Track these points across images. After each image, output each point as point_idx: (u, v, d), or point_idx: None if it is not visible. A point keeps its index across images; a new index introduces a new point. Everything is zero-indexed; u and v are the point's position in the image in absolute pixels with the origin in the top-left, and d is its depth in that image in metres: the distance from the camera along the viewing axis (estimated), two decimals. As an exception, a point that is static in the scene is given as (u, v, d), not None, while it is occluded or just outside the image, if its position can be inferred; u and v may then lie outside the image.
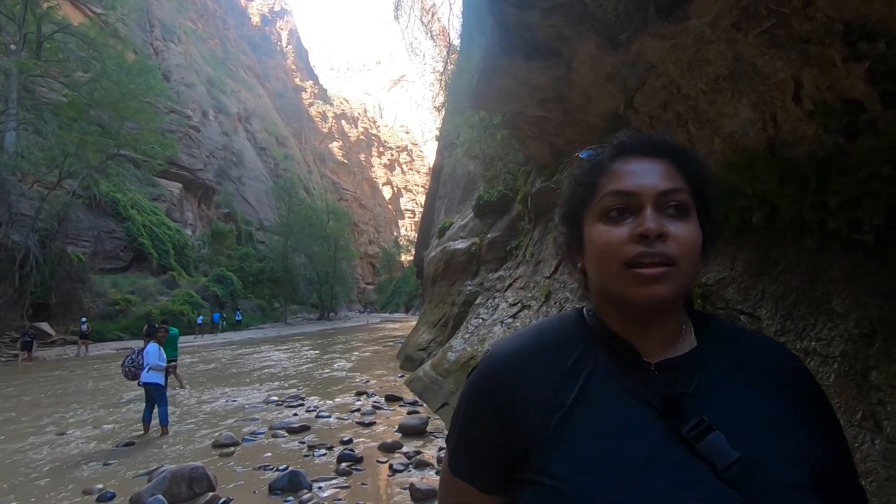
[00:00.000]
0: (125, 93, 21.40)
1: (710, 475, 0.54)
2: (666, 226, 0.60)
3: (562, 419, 0.60)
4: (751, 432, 0.57)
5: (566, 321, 0.71)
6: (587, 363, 0.64)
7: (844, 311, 2.36)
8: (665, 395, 0.59)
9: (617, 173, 0.65)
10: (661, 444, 0.57)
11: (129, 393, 9.52)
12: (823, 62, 2.37)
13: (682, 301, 0.65)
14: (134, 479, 4.92)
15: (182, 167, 38.64)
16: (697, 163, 0.67)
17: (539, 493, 0.59)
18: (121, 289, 25.68)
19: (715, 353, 0.64)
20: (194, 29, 63.11)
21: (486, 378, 0.68)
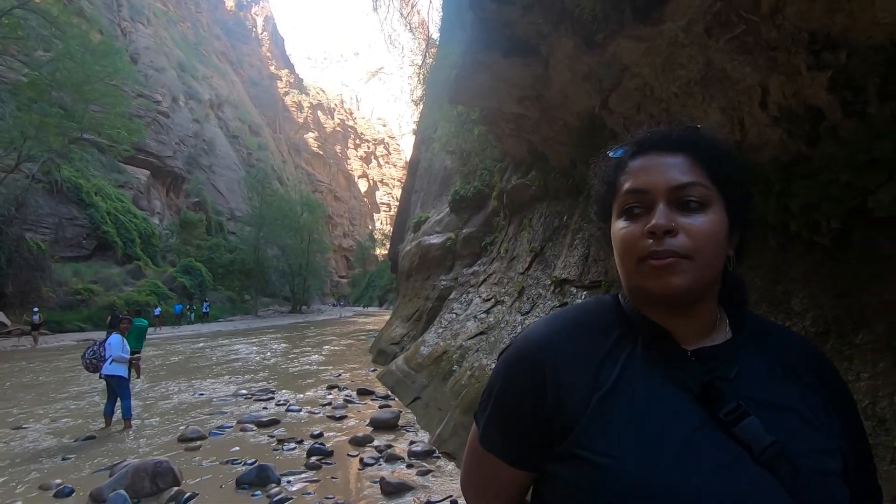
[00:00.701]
0: (90, 74, 20.56)
1: (746, 458, 0.56)
2: (676, 221, 0.61)
3: (602, 399, 0.62)
4: (785, 421, 0.60)
5: (603, 306, 0.73)
6: (625, 347, 0.66)
7: (802, 309, 2.46)
8: (703, 379, 0.61)
9: (634, 171, 0.67)
10: (700, 427, 0.58)
11: (90, 385, 9.21)
12: (789, 70, 2.46)
13: (713, 292, 0.66)
14: (94, 474, 4.78)
15: (150, 154, 37.45)
16: (723, 155, 0.67)
17: (581, 467, 0.60)
18: (83, 278, 24.79)
19: (751, 346, 0.67)
20: (165, 11, 61.05)
21: (526, 357, 0.69)
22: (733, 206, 0.65)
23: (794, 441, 0.58)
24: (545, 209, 7.11)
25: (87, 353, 6.66)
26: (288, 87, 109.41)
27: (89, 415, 7.24)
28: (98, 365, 6.55)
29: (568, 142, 5.56)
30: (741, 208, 0.66)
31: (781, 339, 0.69)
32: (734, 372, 0.63)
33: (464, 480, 0.80)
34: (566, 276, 5.53)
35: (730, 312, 0.70)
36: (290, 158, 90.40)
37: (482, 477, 0.75)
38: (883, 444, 1.95)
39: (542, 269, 6.41)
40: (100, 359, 6.57)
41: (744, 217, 0.67)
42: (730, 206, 0.65)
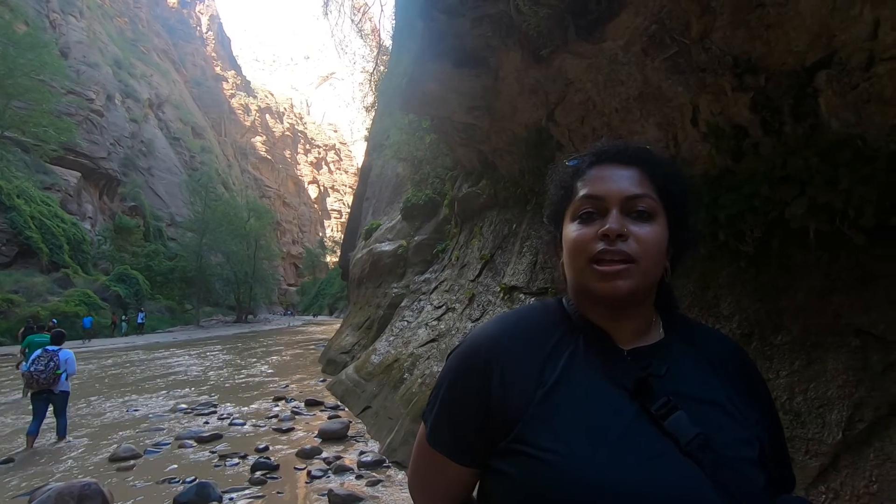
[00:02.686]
0: (13, 68, 19.13)
1: (674, 449, 0.61)
2: (628, 227, 0.67)
3: (544, 396, 0.66)
4: (710, 414, 0.65)
5: (547, 308, 0.77)
6: (567, 347, 0.70)
7: (729, 313, 2.63)
8: (637, 377, 0.66)
9: (591, 179, 0.72)
10: (634, 421, 0.63)
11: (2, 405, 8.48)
12: (716, 90, 2.64)
13: (650, 296, 0.72)
14: (13, 499, 4.39)
15: (81, 154, 35.10)
16: (671, 173, 0.73)
17: (523, 462, 0.63)
18: (2, 287, 22.79)
19: (680, 345, 0.72)
20: (100, 4, 57.65)
21: (472, 356, 0.73)
22: (673, 222, 0.71)
23: (716, 432, 0.63)
24: (495, 217, 7.24)
25: (35, 367, 6.05)
26: (234, 88, 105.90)
27: (7, 436, 6.65)
28: (50, 381, 6.09)
29: (517, 152, 5.69)
30: (680, 225, 0.73)
31: (707, 339, 0.75)
32: (664, 369, 0.68)
33: (411, 480, 0.82)
34: (515, 283, 5.65)
35: (663, 316, 0.76)
36: (237, 162, 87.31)
37: (429, 475, 0.77)
38: (799, 436, 2.12)
39: (491, 277, 6.51)
40: (54, 375, 6.11)
41: (681, 234, 0.73)
42: (671, 221, 0.71)
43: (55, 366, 6.13)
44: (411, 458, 0.81)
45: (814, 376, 2.15)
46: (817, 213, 2.16)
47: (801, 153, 2.22)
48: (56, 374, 6.14)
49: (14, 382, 10.89)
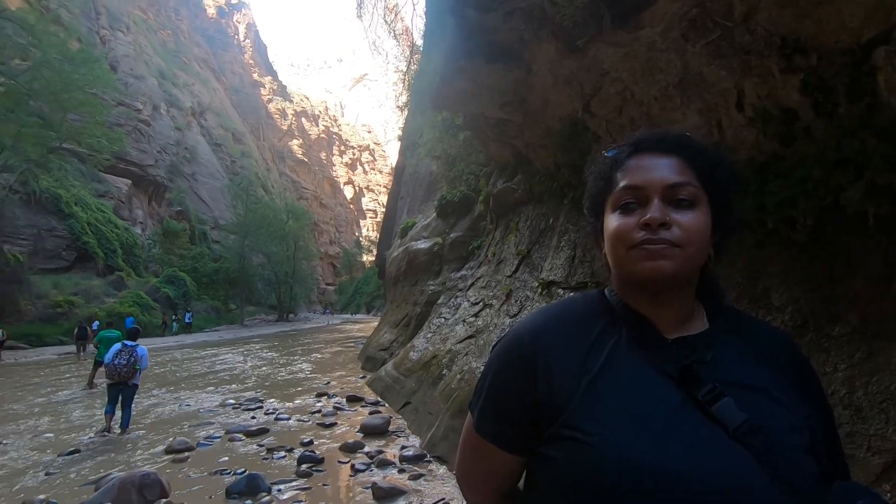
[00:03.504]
0: (68, 83, 20.23)
1: (722, 435, 0.61)
2: (670, 215, 0.67)
3: (590, 383, 0.67)
4: (757, 400, 0.65)
5: (589, 299, 0.78)
6: (611, 336, 0.71)
7: (781, 304, 2.53)
8: (682, 364, 0.66)
9: (631, 169, 0.72)
10: (680, 407, 0.63)
11: (70, 399, 9.04)
12: (763, 73, 2.54)
13: (691, 283, 0.72)
14: (80, 488, 4.69)
15: (131, 163, 36.87)
16: (712, 159, 0.73)
17: (570, 447, 0.65)
18: (63, 290, 24.24)
19: (726, 335, 0.72)
20: (144, 19, 60.35)
21: (516, 347, 0.75)
22: (716, 209, 0.71)
23: (766, 419, 0.62)
24: (531, 212, 7.19)
25: (118, 360, 6.61)
26: (271, 94, 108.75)
27: (73, 428, 7.09)
28: (129, 374, 6.64)
29: (551, 145, 5.63)
30: (723, 211, 0.72)
31: (754, 329, 0.75)
32: (709, 356, 0.68)
33: (458, 470, 0.83)
34: (553, 277, 5.59)
35: (707, 305, 0.75)
36: (275, 166, 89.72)
37: (477, 464, 0.79)
38: (860, 432, 2.02)
39: (529, 272, 6.47)
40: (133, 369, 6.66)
41: (724, 219, 0.73)
42: (714, 208, 0.71)
43: (134, 360, 6.65)
44: (458, 449, 0.83)
45: (875, 369, 2.05)
46: (876, 196, 2.05)
47: (858, 134, 2.11)
48: (135, 369, 6.66)
49: (73, 378, 11.60)
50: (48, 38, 21.06)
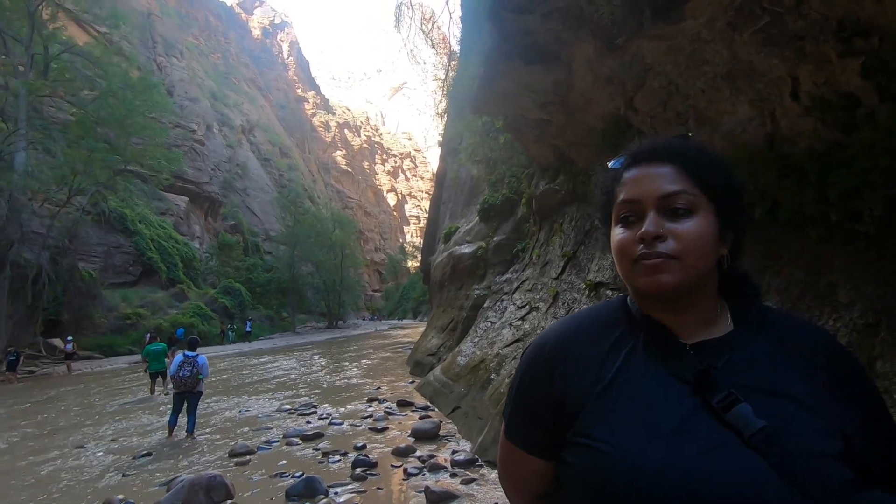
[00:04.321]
0: (131, 109, 21.67)
1: (736, 441, 0.60)
2: (665, 227, 0.67)
3: (604, 389, 0.68)
4: (781, 405, 0.63)
5: (610, 306, 0.79)
6: (628, 342, 0.72)
7: (849, 301, 2.39)
8: (698, 370, 0.65)
9: (627, 182, 0.73)
10: (693, 413, 0.63)
11: (139, 405, 9.63)
12: (819, 58, 2.42)
13: (707, 288, 0.71)
14: (153, 489, 5.00)
15: (188, 181, 38.99)
16: (707, 163, 0.72)
17: (581, 452, 0.67)
18: (131, 303, 25.90)
19: (752, 335, 0.70)
20: (196, 44, 63.84)
21: (538, 354, 0.77)
22: (723, 210, 0.70)
23: (788, 424, 0.60)
24: (575, 213, 7.08)
25: (182, 371, 7.04)
26: (315, 107, 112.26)
27: (143, 432, 7.56)
28: (193, 383, 7.08)
29: (594, 144, 5.53)
30: (730, 211, 0.71)
31: (787, 328, 0.72)
32: (722, 361, 0.67)
33: (499, 474, 0.87)
34: (601, 279, 5.48)
35: (734, 305, 0.73)
36: (320, 177, 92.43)
37: (511, 467, 0.82)
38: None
39: (575, 274, 6.37)
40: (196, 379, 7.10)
41: (734, 218, 0.72)
42: (719, 209, 0.70)
43: (197, 371, 7.07)
44: (498, 452, 0.86)
45: (959, 369, 1.90)
46: (953, 183, 1.91)
47: (928, 118, 1.97)
48: (198, 379, 7.08)
49: (143, 385, 12.35)
50: (112, 68, 22.67)
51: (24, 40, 19.61)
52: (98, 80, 22.09)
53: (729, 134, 3.14)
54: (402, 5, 11.70)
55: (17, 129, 18.65)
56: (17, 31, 19.53)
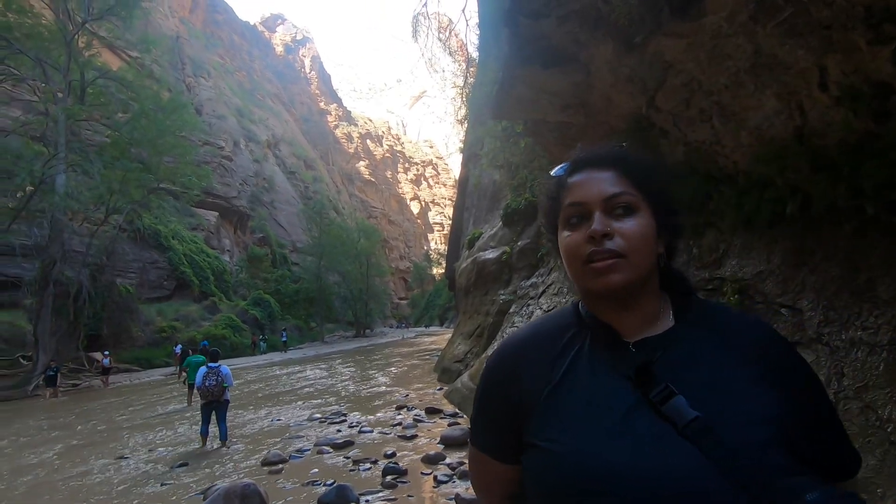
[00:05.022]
0: (162, 129, 22.45)
1: (672, 433, 0.62)
2: (612, 226, 0.71)
3: (552, 390, 0.71)
4: (717, 396, 0.65)
5: (564, 312, 0.83)
6: (575, 344, 0.75)
7: (890, 297, 2.29)
8: (636, 365, 0.69)
9: (572, 187, 0.77)
10: (633, 408, 0.66)
11: (174, 416, 9.89)
12: (847, 47, 2.35)
13: (649, 286, 0.74)
14: (190, 497, 5.12)
15: (217, 196, 40.09)
16: (646, 166, 0.78)
17: (534, 454, 0.70)
18: (166, 316, 26.71)
19: (691, 330, 0.73)
20: (222, 63, 65.84)
21: (496, 361, 0.81)
22: (659, 212, 0.75)
23: (722, 415, 0.62)
24: (600, 214, 6.99)
25: (208, 382, 7.31)
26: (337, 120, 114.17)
27: (179, 442, 7.77)
28: (219, 393, 7.34)
29: (617, 145, 5.47)
30: (665, 213, 0.76)
31: (724, 321, 0.74)
32: (658, 356, 0.70)
33: (470, 478, 0.90)
34: (627, 280, 5.39)
35: (676, 303, 0.77)
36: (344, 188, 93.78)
37: (479, 473, 0.85)
38: None
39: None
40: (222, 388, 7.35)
41: (668, 220, 0.76)
42: (656, 211, 0.74)
43: (221, 380, 7.31)
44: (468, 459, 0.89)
45: None
46: None
47: (968, 104, 1.89)
48: (223, 388, 7.32)
49: (178, 396, 12.68)
50: (144, 91, 23.57)
51: (62, 68, 20.57)
52: (131, 103, 22.98)
53: (756, 129, 3.06)
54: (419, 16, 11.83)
55: (58, 153, 19.52)
56: (56, 60, 20.50)
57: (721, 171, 3.62)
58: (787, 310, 2.82)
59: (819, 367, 2.43)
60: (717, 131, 3.41)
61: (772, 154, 2.91)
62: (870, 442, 2.07)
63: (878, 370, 2.18)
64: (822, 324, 2.53)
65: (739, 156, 3.29)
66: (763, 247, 3.15)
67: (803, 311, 2.68)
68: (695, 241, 3.86)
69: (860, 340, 2.35)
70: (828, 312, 2.55)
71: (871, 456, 2.01)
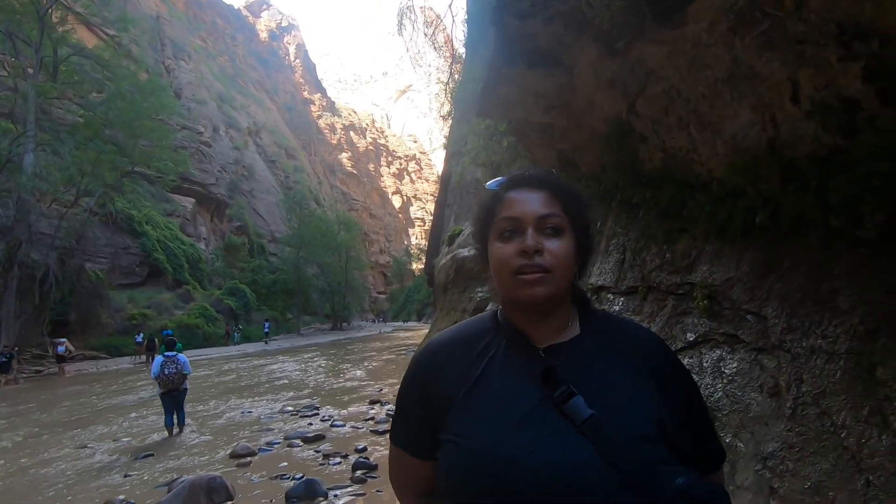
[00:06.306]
0: (139, 112, 21.86)
1: (570, 430, 0.69)
2: (542, 243, 0.77)
3: (467, 391, 0.76)
4: (610, 397, 0.73)
5: (483, 318, 0.90)
6: (492, 349, 0.81)
7: (849, 307, 2.37)
8: (543, 368, 0.75)
9: (508, 202, 0.82)
10: (537, 406, 0.72)
11: (139, 405, 9.68)
12: (819, 62, 2.40)
13: (566, 298, 0.83)
14: (154, 489, 5.02)
15: (194, 182, 39.22)
16: (573, 194, 0.85)
17: (447, 448, 0.74)
18: (137, 304, 26.07)
19: (592, 338, 0.82)
20: (204, 47, 64.30)
21: (416, 363, 0.86)
22: (578, 236, 0.82)
23: (612, 413, 0.70)
24: (578, 216, 7.05)
25: (167, 370, 7.17)
26: (321, 110, 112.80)
27: (145, 433, 7.60)
28: (179, 381, 7.22)
29: (597, 148, 5.51)
30: (584, 236, 0.84)
31: (621, 331, 0.85)
32: (561, 360, 0.77)
33: (389, 476, 0.93)
34: (602, 282, 5.46)
35: (582, 312, 0.86)
36: (326, 179, 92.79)
37: (398, 470, 0.89)
38: (945, 446, 1.86)
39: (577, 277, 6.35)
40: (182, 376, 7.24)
41: (585, 243, 0.85)
42: (576, 235, 0.82)
43: (180, 368, 7.19)
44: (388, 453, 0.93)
45: (961, 377, 1.88)
46: (954, 189, 1.89)
47: (930, 123, 1.95)
48: (183, 375, 7.19)
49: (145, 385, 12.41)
50: (120, 71, 22.89)
51: (33, 43, 19.83)
52: (107, 83, 22.30)
53: (731, 139, 3.12)
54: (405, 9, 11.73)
55: (26, 131, 18.84)
56: (27, 34, 19.75)
57: (697, 179, 3.68)
58: (752, 316, 2.89)
59: (780, 372, 2.50)
60: (694, 139, 3.47)
61: (745, 164, 2.98)
62: (824, 446, 2.14)
63: (835, 377, 2.25)
64: (784, 331, 2.60)
65: (714, 164, 3.35)
66: (734, 254, 3.22)
67: (768, 318, 2.75)
68: (668, 246, 3.94)
69: (820, 348, 2.42)
70: (791, 320, 2.62)
71: (825, 460, 2.08)
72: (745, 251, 3.10)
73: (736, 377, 2.72)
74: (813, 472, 2.08)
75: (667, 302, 3.72)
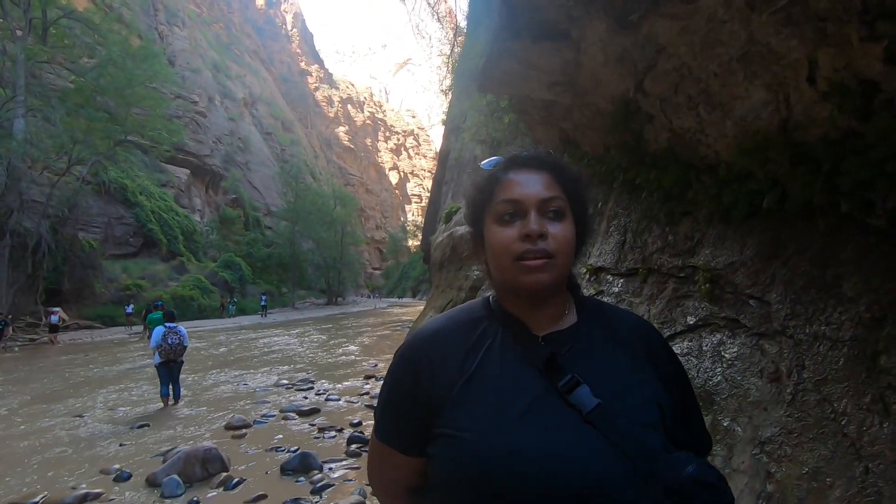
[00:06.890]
0: (131, 78, 21.35)
1: (577, 419, 0.68)
2: (546, 227, 0.74)
3: (465, 383, 0.73)
4: (612, 385, 0.72)
5: (474, 306, 0.85)
6: (488, 338, 0.77)
7: (855, 294, 2.34)
8: (545, 357, 0.73)
9: (508, 184, 0.78)
10: (541, 396, 0.70)
11: (134, 374, 9.71)
12: (840, 41, 2.32)
13: (564, 285, 0.81)
14: (149, 459, 5.04)
15: (189, 153, 38.70)
16: (574, 176, 0.82)
17: (444, 443, 0.71)
18: (131, 274, 25.98)
19: (590, 326, 0.80)
20: (199, 13, 62.65)
21: (407, 353, 0.80)
22: (578, 220, 0.79)
23: (616, 401, 0.70)
24: (578, 196, 6.99)
25: (170, 340, 7.20)
26: (318, 82, 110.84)
27: (140, 402, 7.63)
28: (180, 352, 7.28)
29: (601, 127, 5.42)
30: (582, 221, 0.81)
31: (612, 316, 0.83)
32: (566, 349, 0.75)
33: (368, 471, 0.88)
34: (602, 264, 5.43)
35: (578, 300, 0.84)
36: (322, 153, 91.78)
37: (381, 466, 0.85)
38: (946, 434, 1.85)
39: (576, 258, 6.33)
40: (182, 347, 7.29)
41: (584, 228, 0.81)
42: (576, 219, 0.79)
43: (181, 339, 7.23)
44: (368, 451, 0.88)
45: (966, 366, 1.87)
46: (973, 177, 1.84)
47: (952, 107, 1.89)
48: (183, 347, 7.23)
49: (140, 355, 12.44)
50: (112, 36, 22.26)
51: (21, 3, 19.21)
52: (98, 48, 21.73)
53: (741, 120, 3.05)
54: (409, -23, 11.36)
55: (16, 95, 18.40)
56: (15, -6, 19.12)
57: (703, 161, 3.62)
58: (755, 301, 2.86)
59: (781, 358, 2.49)
60: (703, 120, 3.39)
61: (754, 146, 2.92)
62: (823, 433, 2.14)
63: (838, 364, 2.24)
64: (788, 317, 2.58)
65: (722, 146, 3.28)
66: (737, 238, 3.19)
67: (771, 304, 2.72)
68: (670, 229, 3.90)
69: (823, 335, 2.40)
70: (794, 306, 2.60)
71: (824, 447, 2.08)
72: (749, 235, 3.06)
73: (736, 361, 2.72)
74: (811, 457, 2.09)
75: (667, 285, 3.69)
